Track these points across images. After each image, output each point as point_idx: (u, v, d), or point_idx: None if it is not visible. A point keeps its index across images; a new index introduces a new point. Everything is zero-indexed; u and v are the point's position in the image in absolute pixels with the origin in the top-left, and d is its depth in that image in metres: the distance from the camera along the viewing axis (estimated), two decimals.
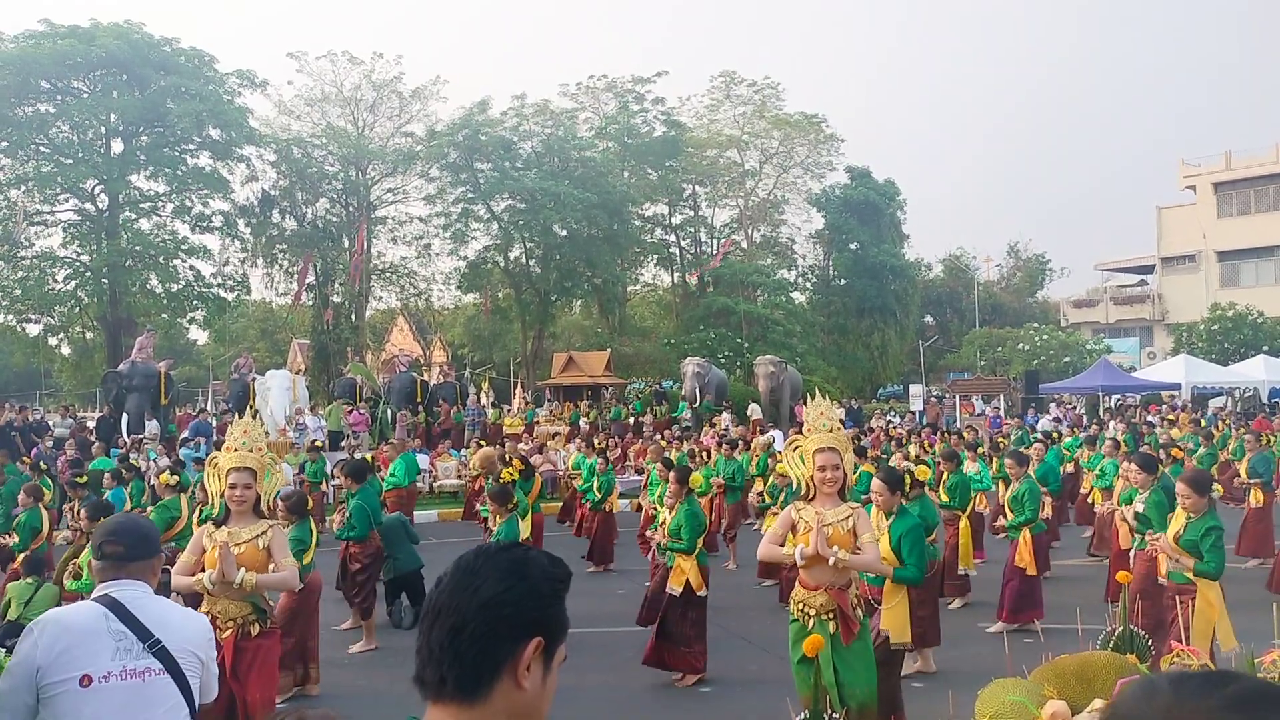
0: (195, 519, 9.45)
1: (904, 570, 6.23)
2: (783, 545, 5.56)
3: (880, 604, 6.32)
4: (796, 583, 5.57)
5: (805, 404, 5.97)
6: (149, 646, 3.13)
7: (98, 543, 3.37)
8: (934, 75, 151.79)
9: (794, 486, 5.75)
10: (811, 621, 5.32)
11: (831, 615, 5.29)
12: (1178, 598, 6.44)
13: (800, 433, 6.09)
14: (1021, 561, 9.47)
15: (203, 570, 5.38)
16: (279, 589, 5.94)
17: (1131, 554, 8.54)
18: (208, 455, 19.20)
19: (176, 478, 9.99)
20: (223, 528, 5.47)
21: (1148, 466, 8.49)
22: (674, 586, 7.96)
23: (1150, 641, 3.27)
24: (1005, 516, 10.19)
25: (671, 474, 8.81)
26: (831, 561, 5.19)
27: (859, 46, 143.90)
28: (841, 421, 6.28)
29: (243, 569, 5.33)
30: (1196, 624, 6.14)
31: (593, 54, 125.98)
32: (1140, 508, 8.10)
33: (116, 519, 3.66)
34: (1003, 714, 2.42)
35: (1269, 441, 17.45)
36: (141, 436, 20.62)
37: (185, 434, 22.79)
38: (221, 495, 5.52)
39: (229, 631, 5.29)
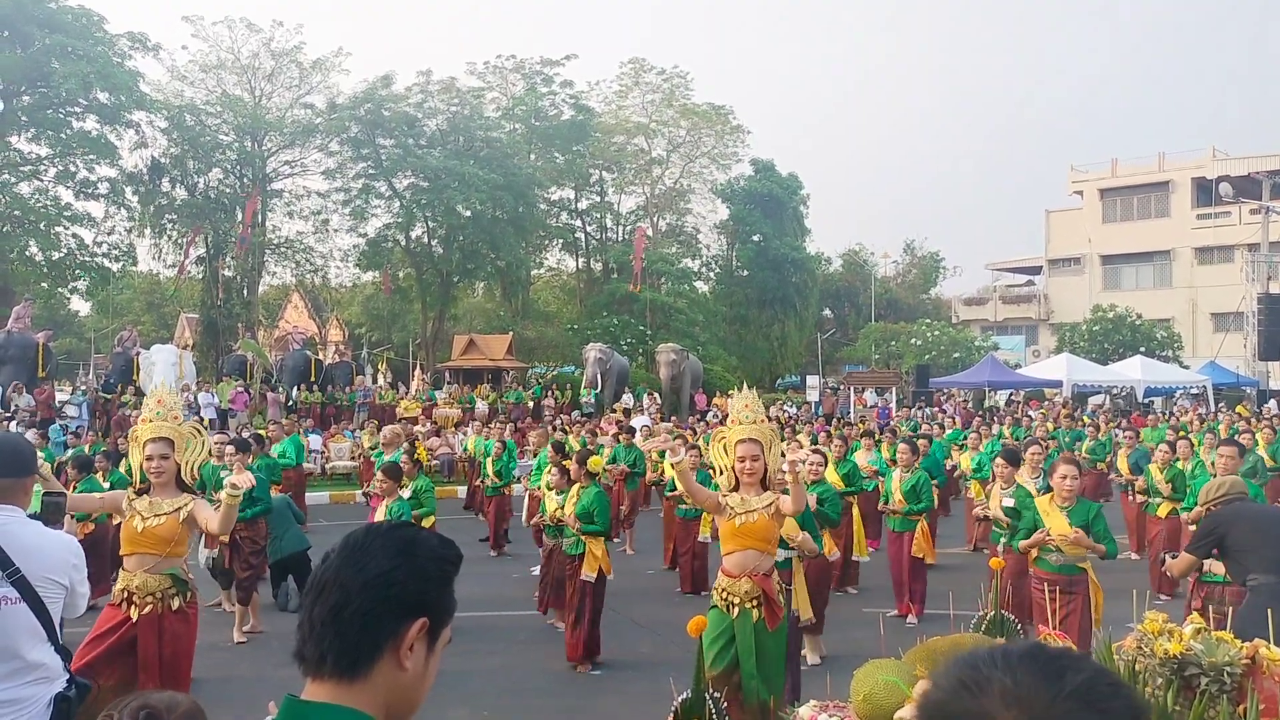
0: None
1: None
2: (711, 504, 5.56)
3: (789, 585, 6.36)
4: (720, 572, 5.54)
5: (704, 392, 6.03)
6: (8, 575, 3.17)
7: None
8: (839, 74, 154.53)
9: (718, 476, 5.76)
10: (736, 610, 5.27)
11: (756, 602, 5.25)
12: (1056, 589, 6.20)
13: (701, 421, 6.17)
14: (920, 550, 9.51)
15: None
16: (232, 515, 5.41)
17: (1001, 546, 8.27)
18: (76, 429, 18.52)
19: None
20: (143, 497, 5.27)
21: (1012, 460, 8.80)
22: (588, 573, 7.89)
23: (1019, 625, 3.42)
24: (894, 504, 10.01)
25: (573, 456, 8.70)
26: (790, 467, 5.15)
27: (767, 38, 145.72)
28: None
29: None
30: (1097, 609, 6.43)
31: (500, 33, 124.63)
32: (1010, 502, 8.21)
33: None
34: (876, 693, 2.52)
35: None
36: (13, 409, 19.73)
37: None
38: (141, 467, 5.31)
39: (149, 608, 5.04)
